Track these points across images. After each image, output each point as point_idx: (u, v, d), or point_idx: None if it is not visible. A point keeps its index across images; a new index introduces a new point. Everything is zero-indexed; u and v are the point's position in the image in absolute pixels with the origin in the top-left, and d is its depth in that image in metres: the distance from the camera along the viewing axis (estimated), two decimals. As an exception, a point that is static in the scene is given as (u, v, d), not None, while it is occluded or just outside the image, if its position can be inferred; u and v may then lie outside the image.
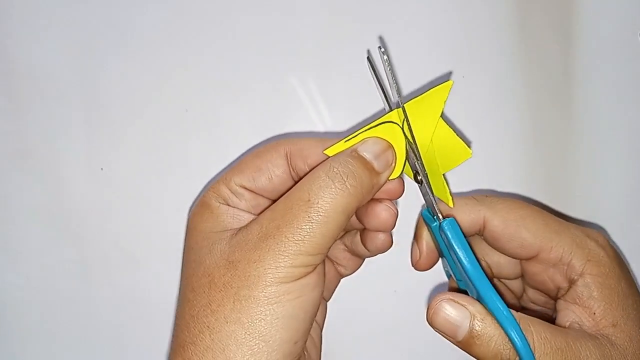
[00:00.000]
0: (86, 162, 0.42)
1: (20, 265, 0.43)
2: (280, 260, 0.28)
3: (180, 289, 0.32)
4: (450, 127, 0.33)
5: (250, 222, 0.31)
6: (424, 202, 0.34)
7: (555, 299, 0.34)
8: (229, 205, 0.32)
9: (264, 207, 0.33)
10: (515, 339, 0.28)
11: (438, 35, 0.43)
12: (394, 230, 0.43)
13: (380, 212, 0.32)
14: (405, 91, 0.43)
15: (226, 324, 0.28)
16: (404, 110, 0.31)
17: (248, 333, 0.28)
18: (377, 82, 0.32)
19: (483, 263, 0.36)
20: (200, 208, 0.33)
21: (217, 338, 0.28)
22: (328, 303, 0.39)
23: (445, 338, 0.30)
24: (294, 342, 0.28)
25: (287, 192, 0.30)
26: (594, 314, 0.31)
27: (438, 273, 0.42)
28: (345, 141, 0.32)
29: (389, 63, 0.30)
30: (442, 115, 0.32)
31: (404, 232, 0.43)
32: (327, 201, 0.28)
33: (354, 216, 0.34)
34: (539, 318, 0.30)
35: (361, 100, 0.42)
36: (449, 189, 0.33)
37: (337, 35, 0.42)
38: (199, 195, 0.40)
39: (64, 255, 0.43)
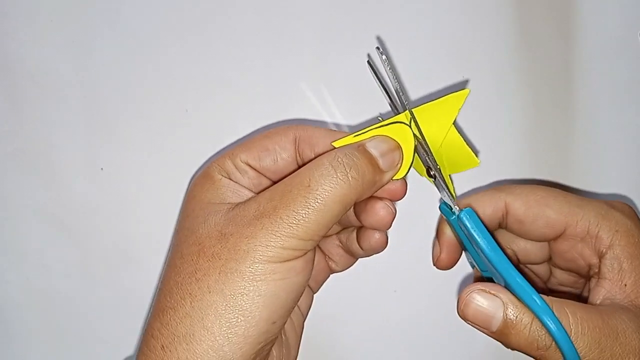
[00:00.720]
0: (86, 162, 0.42)
1: (20, 265, 0.43)
2: (271, 240, 0.28)
3: (169, 254, 0.31)
4: (460, 134, 0.33)
5: (249, 199, 0.31)
6: (424, 202, 0.34)
7: (587, 277, 0.34)
8: (231, 179, 0.33)
9: (265, 187, 0.33)
10: (549, 324, 0.28)
11: (438, 36, 0.43)
12: (395, 230, 0.43)
13: (379, 210, 0.32)
14: (407, 91, 0.43)
15: (208, 294, 0.28)
16: (412, 113, 0.31)
17: (228, 305, 0.28)
18: (380, 85, 0.32)
19: (509, 251, 0.36)
20: (202, 178, 0.33)
21: (197, 306, 0.28)
22: (329, 301, 0.39)
23: (478, 330, 0.30)
24: (272, 322, 0.29)
25: (290, 175, 0.30)
26: (625, 285, 0.31)
27: (438, 274, 0.43)
28: (355, 136, 0.32)
29: (389, 63, 0.30)
30: (455, 123, 0.32)
31: (404, 233, 0.43)
32: (327, 189, 0.28)
33: (352, 213, 0.34)
34: (569, 299, 0.30)
35: (365, 100, 0.42)
36: (453, 188, 0.33)
37: (339, 34, 0.42)
38: (207, 165, 0.39)
39: (64, 255, 0.43)
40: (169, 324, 0.28)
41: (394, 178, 0.32)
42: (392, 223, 0.33)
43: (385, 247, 0.35)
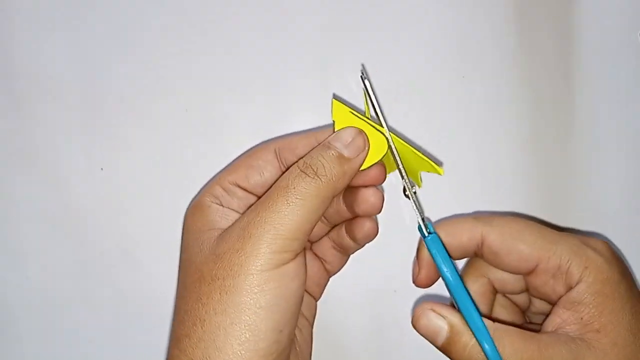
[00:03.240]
0: (86, 162, 0.42)
1: (20, 265, 0.43)
2: (260, 247, 0.29)
3: (177, 287, 0.33)
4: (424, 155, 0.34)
5: (237, 218, 0.32)
6: (425, 202, 0.35)
7: None
8: (221, 204, 0.34)
9: None
10: (487, 349, 0.31)
11: (438, 35, 0.43)
12: (396, 231, 0.43)
13: (369, 197, 0.34)
14: (407, 91, 0.43)
15: (215, 315, 0.29)
16: (388, 140, 0.33)
17: (234, 323, 0.29)
18: (369, 99, 0.34)
19: (485, 279, 0.37)
20: (193, 209, 0.35)
21: (207, 330, 0.29)
22: (328, 301, 0.39)
23: (428, 341, 0.33)
24: (279, 331, 0.30)
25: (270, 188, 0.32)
26: (581, 319, 0.32)
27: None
28: (350, 112, 0.34)
29: (372, 90, 0.33)
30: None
31: (404, 233, 0.43)
32: (304, 186, 0.30)
33: (339, 209, 0.36)
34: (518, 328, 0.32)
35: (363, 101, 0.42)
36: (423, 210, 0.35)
37: (337, 35, 0.42)
38: (198, 195, 0.40)
39: (64, 255, 0.43)
40: (185, 351, 0.30)
41: (366, 164, 0.33)
42: (382, 206, 0.35)
43: (377, 233, 0.36)
